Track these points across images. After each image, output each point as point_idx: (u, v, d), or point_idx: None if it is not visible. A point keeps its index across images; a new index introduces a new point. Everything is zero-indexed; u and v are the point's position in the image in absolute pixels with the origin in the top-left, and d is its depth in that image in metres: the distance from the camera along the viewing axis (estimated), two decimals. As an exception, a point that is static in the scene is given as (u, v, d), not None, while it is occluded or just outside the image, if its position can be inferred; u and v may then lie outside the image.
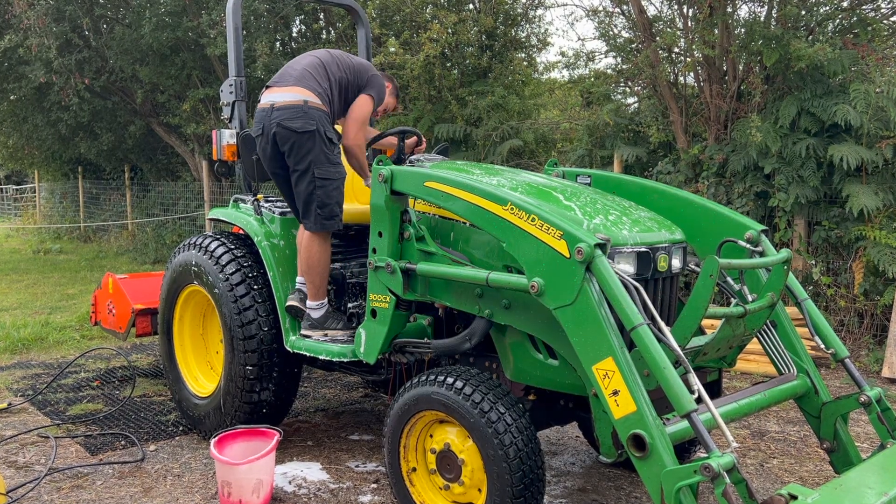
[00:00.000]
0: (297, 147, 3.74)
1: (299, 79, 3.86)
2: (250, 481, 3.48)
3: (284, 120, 3.72)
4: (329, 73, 3.92)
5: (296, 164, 3.78)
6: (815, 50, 6.24)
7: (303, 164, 3.75)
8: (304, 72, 3.89)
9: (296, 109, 3.74)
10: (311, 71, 3.89)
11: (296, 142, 3.73)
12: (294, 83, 3.85)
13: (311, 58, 3.99)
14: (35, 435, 4.64)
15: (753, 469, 4.11)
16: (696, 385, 2.52)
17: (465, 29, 9.41)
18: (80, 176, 17.49)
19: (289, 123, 3.71)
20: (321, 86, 3.86)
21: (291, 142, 3.74)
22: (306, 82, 3.84)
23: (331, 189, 3.79)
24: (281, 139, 3.76)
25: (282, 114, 3.75)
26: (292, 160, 3.78)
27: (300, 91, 3.81)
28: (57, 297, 9.69)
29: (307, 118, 3.73)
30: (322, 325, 3.91)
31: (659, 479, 2.39)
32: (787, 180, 6.55)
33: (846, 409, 3.07)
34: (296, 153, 3.75)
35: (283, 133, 3.74)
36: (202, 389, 4.55)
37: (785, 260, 3.01)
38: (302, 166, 3.75)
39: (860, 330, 6.40)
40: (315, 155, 3.74)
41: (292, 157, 3.77)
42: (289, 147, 3.76)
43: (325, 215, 3.79)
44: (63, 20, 11.46)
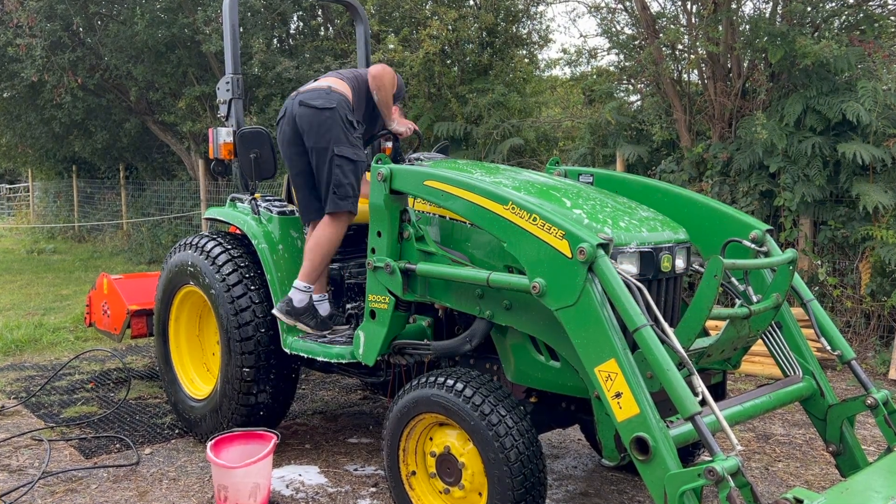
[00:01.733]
0: (316, 125, 3.78)
1: (328, 75, 4.09)
2: (247, 485, 3.48)
3: (306, 99, 3.82)
4: (361, 73, 4.11)
5: (315, 143, 3.79)
6: (821, 47, 6.24)
7: (322, 141, 3.77)
8: (335, 71, 4.16)
9: (319, 91, 3.86)
10: (342, 70, 4.15)
11: (315, 119, 3.78)
12: (322, 77, 4.07)
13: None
14: (28, 438, 4.64)
15: (758, 473, 4.11)
16: (699, 387, 2.53)
17: (466, 25, 9.42)
18: (74, 175, 17.50)
19: (310, 102, 3.80)
20: (347, 77, 4.03)
21: (310, 119, 3.78)
22: (334, 74, 4.06)
23: (347, 170, 3.77)
24: (300, 118, 3.81)
25: (304, 95, 3.87)
26: (312, 138, 3.79)
27: (326, 80, 3.99)
28: (51, 297, 9.69)
29: (328, 98, 3.81)
30: (295, 315, 3.85)
31: (662, 482, 2.40)
32: (793, 179, 6.55)
33: (852, 411, 3.07)
34: (315, 131, 3.78)
35: (302, 111, 3.80)
36: (198, 391, 4.55)
37: (790, 260, 3.01)
38: (321, 144, 3.77)
39: (867, 331, 6.40)
40: (335, 133, 3.76)
41: (312, 134, 3.79)
42: (307, 124, 3.79)
43: (341, 195, 3.77)
44: (55, 18, 11.46)
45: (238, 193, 4.57)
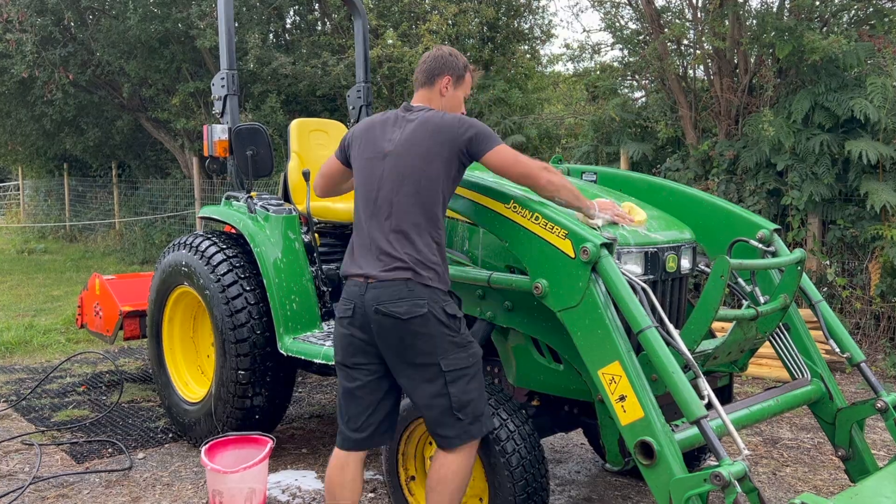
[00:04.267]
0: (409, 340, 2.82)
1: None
2: (242, 490, 3.48)
3: (384, 302, 2.81)
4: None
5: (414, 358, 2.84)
6: (830, 42, 6.25)
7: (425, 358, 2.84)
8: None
9: (397, 287, 2.86)
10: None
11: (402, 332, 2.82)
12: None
13: None
14: (19, 442, 4.64)
15: (766, 478, 4.11)
16: (706, 390, 2.52)
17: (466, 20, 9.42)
18: (65, 173, 17.49)
19: (391, 309, 2.80)
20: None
21: (399, 334, 2.81)
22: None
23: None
24: (383, 329, 2.82)
25: (380, 291, 2.87)
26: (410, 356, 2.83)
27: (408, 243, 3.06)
28: (41, 298, 9.69)
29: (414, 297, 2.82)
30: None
31: (667, 488, 2.39)
32: (801, 177, 6.55)
33: (862, 415, 3.07)
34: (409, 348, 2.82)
35: (383, 322, 2.82)
36: (192, 395, 4.55)
37: (798, 260, 3.01)
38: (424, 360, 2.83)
39: (877, 333, 6.40)
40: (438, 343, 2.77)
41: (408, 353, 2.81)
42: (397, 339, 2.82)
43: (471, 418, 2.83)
44: (46, 12, 11.46)
45: (233, 192, 4.57)
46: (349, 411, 2.86)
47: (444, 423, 2.74)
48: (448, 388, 2.72)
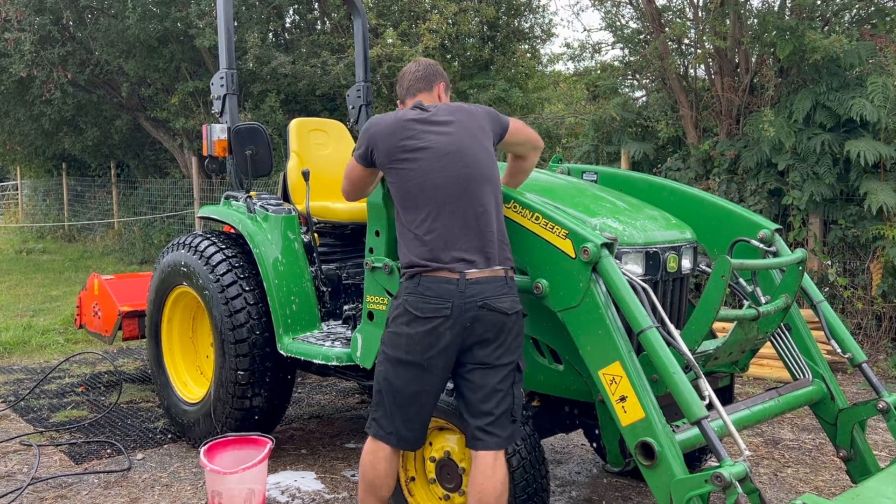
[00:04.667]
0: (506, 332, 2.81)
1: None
2: (241, 491, 3.48)
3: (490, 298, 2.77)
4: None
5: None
6: (831, 41, 6.24)
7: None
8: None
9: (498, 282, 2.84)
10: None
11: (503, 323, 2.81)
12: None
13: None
14: (17, 443, 4.64)
15: (767, 479, 4.11)
16: (707, 391, 2.53)
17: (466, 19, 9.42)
18: (64, 172, 17.49)
19: (496, 304, 2.79)
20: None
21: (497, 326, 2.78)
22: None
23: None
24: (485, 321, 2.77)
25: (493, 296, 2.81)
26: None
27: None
28: (40, 298, 9.69)
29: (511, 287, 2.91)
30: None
31: (668, 489, 2.40)
32: (802, 177, 6.55)
33: (864, 415, 3.07)
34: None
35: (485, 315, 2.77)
36: (192, 395, 4.55)
37: (799, 260, 3.01)
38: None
39: (878, 333, 6.40)
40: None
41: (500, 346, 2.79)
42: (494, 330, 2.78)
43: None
44: (44, 12, 11.46)
45: (233, 191, 4.57)
46: (408, 412, 2.79)
47: (500, 422, 2.72)
48: (514, 388, 2.74)
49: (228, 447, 3.77)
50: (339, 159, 4.88)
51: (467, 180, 2.74)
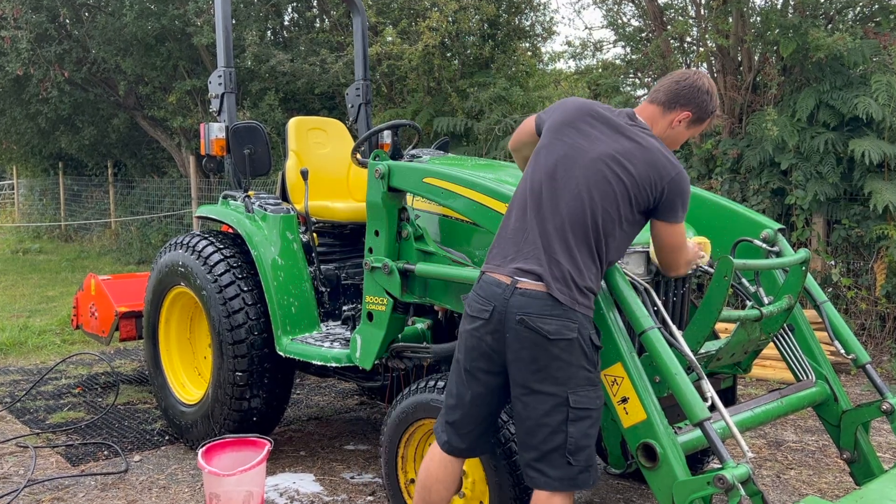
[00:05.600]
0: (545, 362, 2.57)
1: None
2: (240, 493, 3.48)
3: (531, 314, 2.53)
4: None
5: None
6: (835, 39, 6.24)
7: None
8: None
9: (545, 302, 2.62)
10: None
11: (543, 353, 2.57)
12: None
13: None
14: (13, 444, 4.64)
15: (770, 481, 4.11)
16: (709, 392, 2.53)
17: (466, 17, 9.40)
18: (60, 172, 17.49)
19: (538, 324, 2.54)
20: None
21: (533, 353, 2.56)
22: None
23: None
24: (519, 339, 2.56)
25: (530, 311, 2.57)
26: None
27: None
28: (36, 299, 9.69)
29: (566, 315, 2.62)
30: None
31: (670, 491, 2.40)
32: (805, 176, 6.55)
33: (867, 417, 3.07)
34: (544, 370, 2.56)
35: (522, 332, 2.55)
36: (189, 396, 4.56)
37: (803, 260, 3.01)
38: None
39: (882, 334, 6.40)
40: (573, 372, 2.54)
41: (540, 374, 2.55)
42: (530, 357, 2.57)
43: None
44: (41, 9, 11.46)
45: (231, 191, 4.57)
46: (458, 417, 2.67)
47: (551, 460, 2.46)
48: (568, 426, 2.44)
49: (226, 449, 3.77)
50: (338, 158, 4.88)
51: (576, 197, 2.48)
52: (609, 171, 2.50)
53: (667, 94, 2.67)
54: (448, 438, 2.72)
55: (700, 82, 2.67)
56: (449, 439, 2.72)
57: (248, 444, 3.79)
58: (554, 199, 2.52)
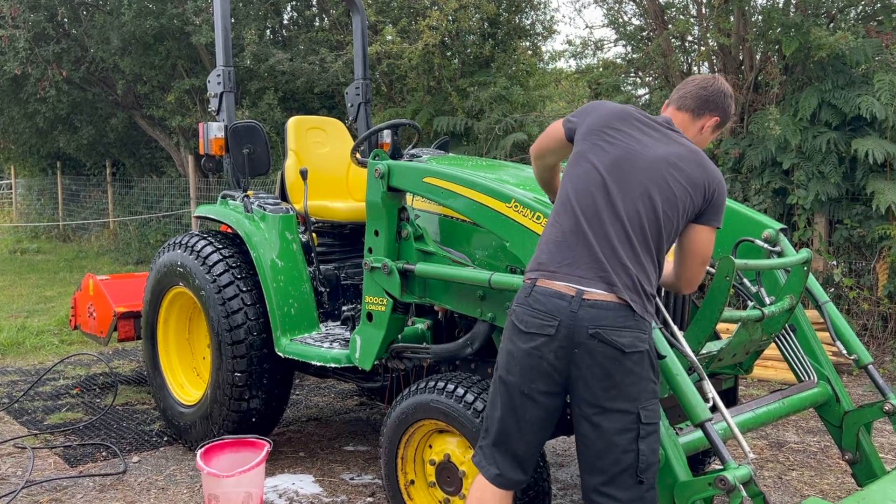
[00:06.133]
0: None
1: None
2: (239, 495, 3.48)
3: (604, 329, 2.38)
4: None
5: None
6: (837, 38, 6.24)
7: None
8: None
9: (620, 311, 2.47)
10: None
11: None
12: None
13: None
14: (11, 445, 4.64)
15: (771, 482, 4.11)
16: (710, 393, 2.53)
17: (467, 16, 9.40)
18: (58, 171, 17.48)
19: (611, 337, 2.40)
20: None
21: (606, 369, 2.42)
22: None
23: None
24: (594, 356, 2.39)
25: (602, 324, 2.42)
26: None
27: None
28: (34, 299, 9.69)
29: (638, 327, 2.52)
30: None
31: (672, 492, 2.40)
32: (807, 176, 6.55)
33: (869, 418, 3.07)
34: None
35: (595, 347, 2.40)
36: (188, 397, 4.56)
37: (805, 260, 3.01)
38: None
39: (884, 334, 6.40)
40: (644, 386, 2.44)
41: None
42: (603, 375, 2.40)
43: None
44: (39, 8, 11.46)
45: (230, 190, 4.57)
46: (512, 445, 2.45)
47: (620, 482, 2.33)
48: (639, 443, 2.32)
49: (225, 450, 3.77)
50: (337, 158, 4.88)
51: (638, 203, 2.39)
52: (669, 174, 2.43)
53: (695, 100, 2.65)
54: (501, 471, 2.47)
55: (724, 87, 2.69)
56: (502, 472, 2.46)
57: (248, 445, 3.79)
58: (613, 203, 2.39)
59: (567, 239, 2.40)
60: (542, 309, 2.34)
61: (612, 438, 2.31)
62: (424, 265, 3.31)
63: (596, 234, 2.37)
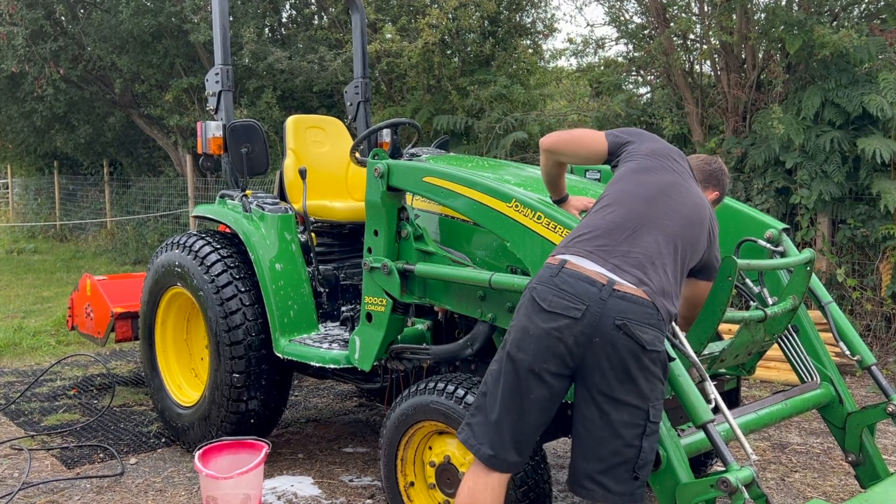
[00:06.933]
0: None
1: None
2: (237, 497, 3.48)
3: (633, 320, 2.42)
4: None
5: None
6: (841, 36, 6.24)
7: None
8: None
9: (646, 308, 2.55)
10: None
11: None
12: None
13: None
14: (8, 447, 4.64)
15: (774, 484, 4.11)
16: (712, 394, 2.53)
17: (467, 14, 9.41)
18: (55, 171, 17.49)
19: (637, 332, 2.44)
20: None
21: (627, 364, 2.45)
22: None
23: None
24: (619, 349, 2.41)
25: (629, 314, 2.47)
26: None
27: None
28: (31, 299, 9.69)
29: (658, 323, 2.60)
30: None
31: (673, 494, 2.40)
32: (810, 175, 6.55)
33: (873, 419, 3.07)
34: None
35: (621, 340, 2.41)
36: (186, 398, 4.56)
37: (807, 261, 3.01)
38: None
39: (888, 335, 6.40)
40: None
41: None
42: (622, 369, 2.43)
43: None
44: (36, 6, 11.47)
45: (228, 190, 4.57)
46: (510, 424, 2.42)
47: (616, 474, 2.36)
48: (643, 440, 2.35)
49: (224, 451, 3.77)
50: (336, 157, 4.89)
51: (673, 213, 2.54)
52: (704, 216, 2.62)
53: (703, 174, 2.94)
54: (495, 452, 2.42)
55: (724, 167, 3.01)
56: (496, 452, 2.42)
57: (246, 447, 3.79)
58: (666, 214, 2.52)
59: (614, 229, 2.46)
60: (571, 291, 2.35)
61: (619, 430, 2.34)
62: (424, 265, 3.31)
63: (644, 235, 2.45)
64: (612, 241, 2.44)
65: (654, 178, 2.61)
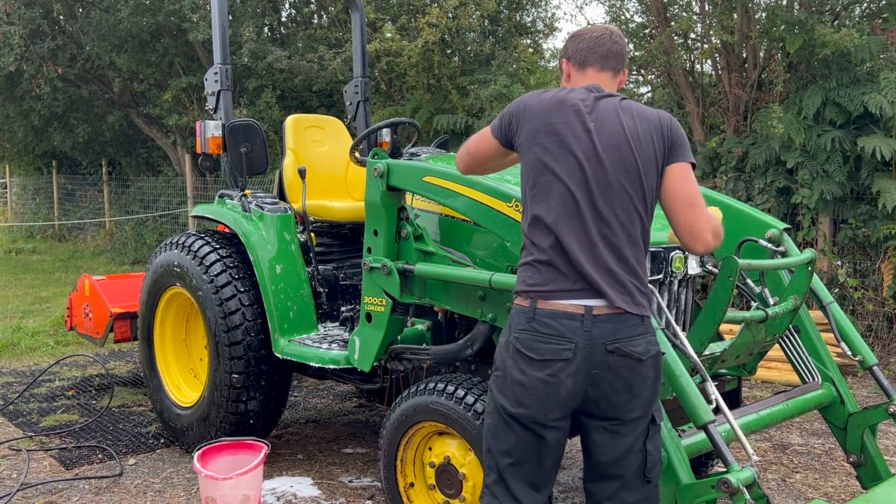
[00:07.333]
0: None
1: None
2: (236, 497, 3.48)
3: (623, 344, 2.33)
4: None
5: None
6: (842, 36, 6.24)
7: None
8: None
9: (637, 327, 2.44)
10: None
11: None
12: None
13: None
14: (6, 447, 4.64)
15: (775, 484, 4.11)
16: (713, 394, 2.53)
17: (467, 13, 9.41)
18: (54, 170, 17.48)
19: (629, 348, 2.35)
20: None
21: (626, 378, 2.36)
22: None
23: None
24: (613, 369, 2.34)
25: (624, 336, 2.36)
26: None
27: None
28: (29, 300, 9.69)
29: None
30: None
31: (674, 495, 2.40)
32: (812, 175, 6.55)
33: (874, 420, 3.07)
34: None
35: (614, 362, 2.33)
36: (185, 399, 4.56)
37: (809, 261, 3.01)
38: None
39: (889, 335, 6.40)
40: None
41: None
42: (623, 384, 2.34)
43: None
44: (34, 4, 11.47)
45: (227, 190, 4.57)
46: (526, 477, 2.35)
47: (630, 486, 2.32)
48: (647, 443, 2.32)
49: (223, 452, 3.77)
50: (336, 157, 4.89)
51: (606, 197, 2.27)
52: (624, 146, 2.27)
53: (615, 58, 2.52)
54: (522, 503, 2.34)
55: (615, 36, 2.54)
56: (523, 503, 2.34)
57: (245, 448, 3.79)
58: (579, 207, 2.26)
59: (550, 256, 2.27)
60: (554, 332, 2.23)
61: (626, 444, 2.31)
62: (424, 265, 3.31)
63: (574, 244, 2.24)
64: (555, 270, 2.27)
65: (550, 174, 2.29)
